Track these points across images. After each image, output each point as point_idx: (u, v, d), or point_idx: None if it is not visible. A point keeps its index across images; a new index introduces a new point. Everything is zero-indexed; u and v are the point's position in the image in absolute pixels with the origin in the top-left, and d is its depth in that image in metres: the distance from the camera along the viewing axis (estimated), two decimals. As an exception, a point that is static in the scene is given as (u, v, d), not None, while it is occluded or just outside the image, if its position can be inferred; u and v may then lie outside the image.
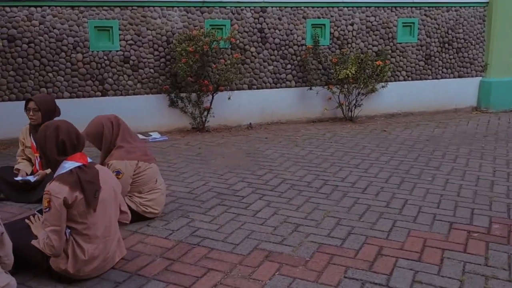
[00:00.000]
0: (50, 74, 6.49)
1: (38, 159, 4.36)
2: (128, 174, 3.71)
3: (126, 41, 6.79)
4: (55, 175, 2.90)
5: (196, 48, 6.58)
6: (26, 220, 3.13)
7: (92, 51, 6.63)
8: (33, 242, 2.91)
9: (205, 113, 7.11)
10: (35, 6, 6.33)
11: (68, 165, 2.89)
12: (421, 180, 4.93)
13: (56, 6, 6.41)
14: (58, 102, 6.33)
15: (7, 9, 6.21)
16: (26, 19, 6.30)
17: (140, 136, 6.75)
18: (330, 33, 7.85)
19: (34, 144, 4.37)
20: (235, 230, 3.73)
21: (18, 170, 4.39)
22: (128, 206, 3.74)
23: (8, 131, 6.08)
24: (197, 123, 7.17)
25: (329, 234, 3.66)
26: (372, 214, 4.03)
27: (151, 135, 6.79)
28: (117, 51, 6.75)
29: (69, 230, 2.89)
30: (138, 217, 3.83)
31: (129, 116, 6.78)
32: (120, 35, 6.73)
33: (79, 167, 2.90)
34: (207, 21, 7.13)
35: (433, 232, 3.69)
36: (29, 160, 4.53)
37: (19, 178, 4.25)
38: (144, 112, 6.97)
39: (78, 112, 5.84)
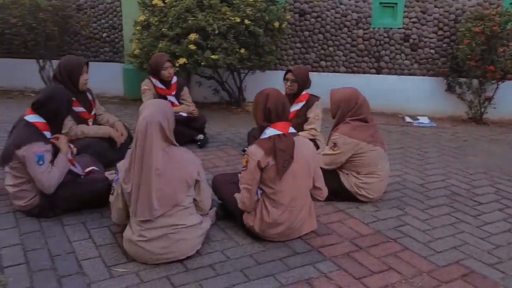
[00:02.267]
0: (331, 48, 6.82)
1: None
2: (343, 150, 3.64)
3: (410, 18, 6.51)
4: (258, 139, 3.11)
5: (483, 28, 5.80)
6: (239, 175, 3.46)
7: (373, 28, 6.63)
8: (236, 195, 3.21)
9: (485, 103, 6.27)
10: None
11: (269, 131, 3.05)
12: None
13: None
14: (334, 75, 6.72)
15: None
16: (317, -5, 6.74)
17: (407, 119, 6.48)
18: None
19: None
20: (446, 236, 3.26)
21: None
22: (343, 184, 3.73)
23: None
24: (473, 113, 6.41)
25: None
26: None
27: (418, 119, 6.43)
28: (398, 28, 6.56)
29: (261, 192, 3.09)
30: (352, 197, 3.77)
31: (400, 97, 6.65)
32: (404, 12, 6.50)
33: (278, 135, 3.02)
34: (507, -1, 6.18)
35: None
36: None
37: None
38: (417, 94, 6.63)
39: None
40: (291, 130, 3.11)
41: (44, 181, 3.23)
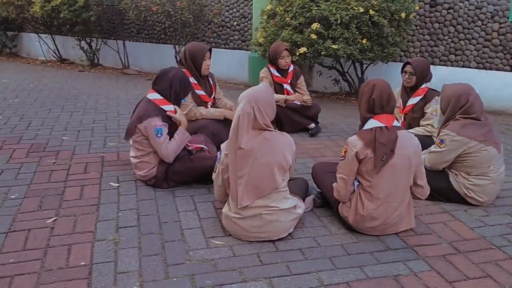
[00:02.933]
0: (462, 42, 6.42)
1: None
2: (450, 148, 3.47)
3: (557, 11, 5.88)
4: (359, 130, 3.11)
5: None
6: (340, 165, 3.48)
7: (511, 22, 6.08)
8: (334, 184, 3.25)
9: None
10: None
11: (371, 123, 3.02)
12: None
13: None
14: (464, 70, 6.35)
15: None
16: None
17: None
18: None
19: (402, 105, 4.58)
20: (561, 251, 2.98)
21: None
22: (451, 184, 3.57)
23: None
24: None
25: None
26: None
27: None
28: (541, 22, 5.95)
29: (357, 183, 3.09)
30: (461, 199, 3.58)
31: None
32: (550, 4, 5.89)
33: (380, 127, 2.99)
34: None
35: None
36: None
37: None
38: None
39: (481, 84, 5.56)
40: (395, 123, 3.05)
41: (162, 151, 3.60)
